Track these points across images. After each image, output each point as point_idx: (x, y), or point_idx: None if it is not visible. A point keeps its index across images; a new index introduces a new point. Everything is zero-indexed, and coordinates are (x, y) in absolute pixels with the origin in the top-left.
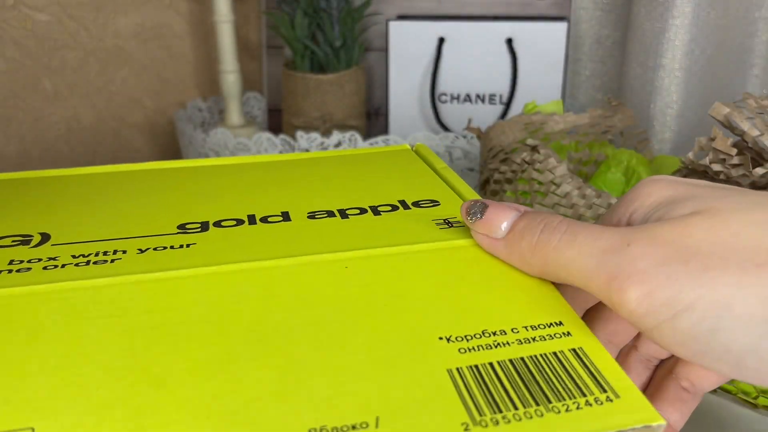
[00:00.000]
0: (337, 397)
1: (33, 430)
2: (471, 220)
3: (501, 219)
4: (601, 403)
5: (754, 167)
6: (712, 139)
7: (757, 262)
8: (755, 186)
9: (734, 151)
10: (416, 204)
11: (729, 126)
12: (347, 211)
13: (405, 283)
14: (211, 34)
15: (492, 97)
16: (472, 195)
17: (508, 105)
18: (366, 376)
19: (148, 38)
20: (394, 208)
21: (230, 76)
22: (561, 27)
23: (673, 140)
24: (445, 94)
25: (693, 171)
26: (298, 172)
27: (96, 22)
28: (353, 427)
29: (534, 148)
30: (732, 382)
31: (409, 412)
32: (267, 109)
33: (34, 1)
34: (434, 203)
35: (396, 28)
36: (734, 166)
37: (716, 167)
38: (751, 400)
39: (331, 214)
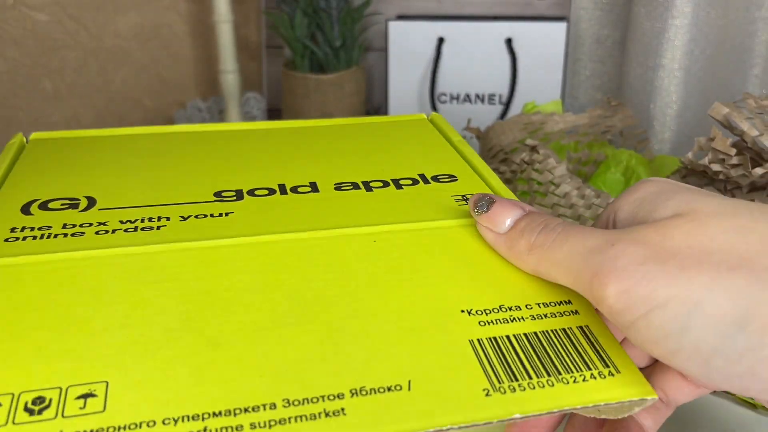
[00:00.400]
0: (372, 361)
1: (107, 383)
2: (477, 213)
3: (505, 216)
4: (604, 377)
5: (753, 167)
6: (712, 139)
7: (730, 265)
8: (754, 185)
9: (733, 151)
10: (435, 179)
11: (728, 126)
12: (371, 184)
13: (429, 259)
14: (211, 34)
15: (491, 97)
16: (487, 170)
17: (507, 105)
18: (397, 343)
19: (148, 38)
20: (415, 182)
21: (230, 76)
22: (561, 27)
23: (672, 140)
24: (444, 94)
25: (692, 171)
26: (323, 140)
27: (96, 22)
28: (388, 389)
29: (533, 149)
30: None
31: (437, 378)
32: (267, 109)
33: (34, 1)
34: (452, 178)
35: (396, 28)
36: (733, 166)
37: (715, 167)
38: (751, 401)
39: (356, 186)
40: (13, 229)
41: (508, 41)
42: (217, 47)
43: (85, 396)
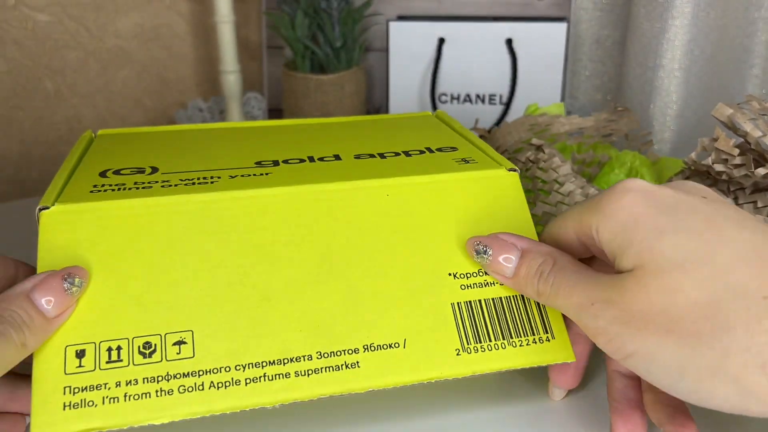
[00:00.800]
0: (380, 320)
1: (192, 332)
2: (479, 260)
3: (505, 258)
4: (542, 342)
5: (756, 168)
6: (715, 140)
7: (666, 329)
8: (757, 186)
9: (736, 151)
10: (440, 150)
11: (732, 127)
12: (385, 154)
13: (430, 217)
14: (212, 34)
15: (492, 98)
16: (485, 146)
17: (508, 105)
18: (399, 305)
19: (149, 38)
20: (422, 152)
21: (231, 77)
22: (561, 27)
23: (672, 140)
24: (445, 95)
25: (696, 171)
26: (341, 130)
27: (96, 22)
28: (390, 346)
29: (538, 148)
30: None
31: (424, 337)
32: (267, 109)
33: (35, 1)
34: (454, 149)
35: (396, 29)
36: (736, 166)
37: (718, 167)
38: None
39: (372, 156)
40: (95, 185)
41: (509, 41)
42: (218, 47)
43: (179, 343)
